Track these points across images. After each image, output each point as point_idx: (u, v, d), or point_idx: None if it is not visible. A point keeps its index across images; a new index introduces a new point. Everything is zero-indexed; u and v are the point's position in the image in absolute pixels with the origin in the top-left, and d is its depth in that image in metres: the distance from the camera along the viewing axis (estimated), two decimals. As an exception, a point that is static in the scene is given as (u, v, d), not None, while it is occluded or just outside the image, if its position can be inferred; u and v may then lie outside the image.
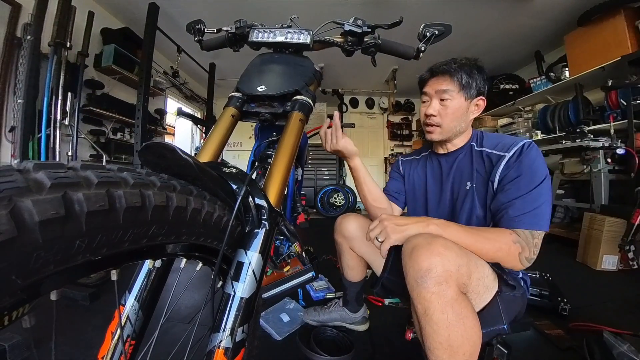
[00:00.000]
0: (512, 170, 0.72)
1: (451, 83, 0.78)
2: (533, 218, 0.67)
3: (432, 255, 0.58)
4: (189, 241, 0.36)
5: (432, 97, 0.81)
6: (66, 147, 2.21)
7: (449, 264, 0.57)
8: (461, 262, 0.59)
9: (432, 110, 0.81)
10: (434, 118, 0.81)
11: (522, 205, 0.68)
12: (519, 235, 0.67)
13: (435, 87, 0.80)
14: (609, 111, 2.38)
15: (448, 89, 0.78)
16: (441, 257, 0.57)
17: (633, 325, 1.12)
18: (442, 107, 0.80)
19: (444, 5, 2.58)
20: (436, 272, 0.56)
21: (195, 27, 0.80)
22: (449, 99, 0.78)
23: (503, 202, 0.71)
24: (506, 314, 0.70)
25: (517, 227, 0.68)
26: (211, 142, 0.60)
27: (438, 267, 0.56)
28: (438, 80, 0.80)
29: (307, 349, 0.96)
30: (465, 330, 0.56)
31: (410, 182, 0.99)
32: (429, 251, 0.58)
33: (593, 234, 1.96)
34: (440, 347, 0.55)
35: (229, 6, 2.63)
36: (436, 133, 0.83)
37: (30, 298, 0.23)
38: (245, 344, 0.40)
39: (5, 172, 0.21)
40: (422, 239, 0.62)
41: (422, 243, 0.61)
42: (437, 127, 0.82)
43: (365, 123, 5.33)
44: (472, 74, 0.77)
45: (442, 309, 0.55)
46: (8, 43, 1.94)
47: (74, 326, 1.08)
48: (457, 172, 0.85)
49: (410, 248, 0.62)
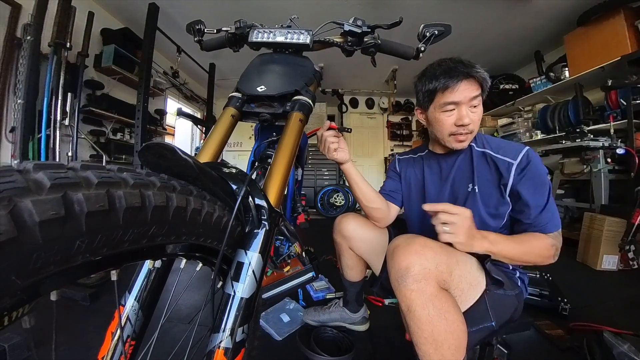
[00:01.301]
0: (525, 178, 0.73)
1: (479, 87, 0.73)
2: (555, 220, 0.73)
3: (409, 254, 0.61)
4: (189, 241, 0.36)
5: (461, 105, 0.73)
6: (66, 148, 2.21)
7: (426, 262, 0.60)
8: (439, 259, 0.61)
9: (469, 120, 0.74)
10: (468, 127, 0.74)
11: (546, 212, 0.72)
12: (553, 239, 0.72)
13: (469, 95, 0.72)
14: (608, 111, 2.38)
15: (478, 95, 0.73)
16: (419, 256, 0.60)
17: (633, 325, 1.12)
18: (473, 114, 0.75)
19: (444, 5, 2.58)
20: (414, 270, 0.59)
21: (195, 28, 0.80)
22: (478, 105, 0.74)
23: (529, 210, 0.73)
24: (494, 311, 0.70)
25: (549, 231, 0.72)
26: (211, 142, 0.60)
27: (416, 265, 0.59)
28: (469, 86, 0.72)
29: (307, 349, 0.96)
30: (447, 324, 0.58)
31: (406, 180, 0.97)
32: (407, 251, 0.61)
33: (593, 233, 1.96)
34: (426, 342, 0.58)
35: (229, 6, 2.63)
36: (467, 141, 0.77)
37: (30, 298, 0.23)
38: (245, 344, 0.40)
39: (5, 172, 0.21)
40: (402, 240, 0.65)
41: (401, 244, 0.64)
42: (469, 134, 0.76)
43: (365, 123, 5.33)
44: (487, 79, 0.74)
45: (422, 305, 0.58)
46: (8, 43, 1.94)
47: (74, 327, 1.08)
48: (457, 173, 0.84)
49: (391, 249, 0.65)
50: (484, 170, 0.79)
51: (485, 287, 0.70)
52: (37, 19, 1.82)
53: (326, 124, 0.87)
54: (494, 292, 0.71)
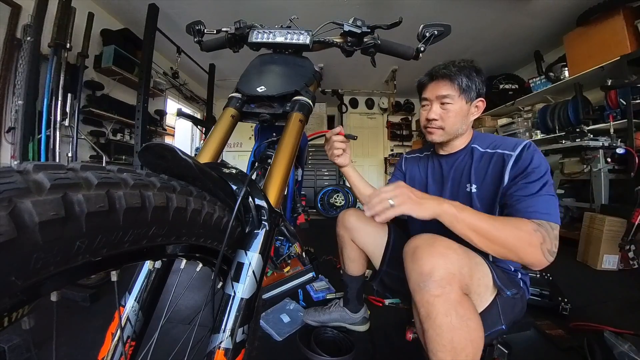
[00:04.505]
0: (522, 168, 0.71)
1: (451, 87, 0.77)
2: (548, 210, 0.64)
3: (434, 256, 0.56)
4: (189, 242, 0.36)
5: (432, 102, 0.81)
6: (66, 148, 2.21)
7: (451, 265, 0.56)
8: (463, 262, 0.58)
9: (434, 115, 0.80)
10: (435, 122, 0.81)
11: (535, 198, 0.66)
12: (539, 225, 0.62)
13: (436, 93, 0.80)
14: (608, 111, 2.38)
15: (449, 94, 0.78)
16: (444, 259, 0.56)
17: (634, 324, 1.12)
18: (444, 111, 0.80)
19: (444, 6, 2.58)
20: (439, 274, 0.55)
21: (195, 28, 0.80)
22: (450, 103, 0.78)
23: (517, 196, 0.68)
24: (504, 314, 0.69)
25: (534, 218, 0.63)
26: (211, 142, 0.60)
27: (441, 269, 0.55)
28: (438, 85, 0.79)
29: (307, 349, 0.96)
30: (469, 332, 0.55)
31: (411, 179, 0.99)
32: (430, 253, 0.57)
33: (593, 233, 1.96)
34: (444, 350, 0.55)
35: (229, 7, 2.63)
36: (437, 134, 0.83)
37: (30, 299, 0.23)
38: (245, 345, 0.40)
39: (5, 173, 0.21)
40: (423, 240, 0.61)
41: (423, 244, 0.59)
42: (439, 130, 0.82)
43: (365, 123, 5.33)
44: (471, 77, 0.77)
45: (445, 312, 0.55)
46: (8, 44, 1.94)
47: (74, 327, 1.08)
48: (456, 174, 0.85)
49: (412, 249, 0.60)
50: (484, 170, 0.79)
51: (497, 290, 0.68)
52: (37, 19, 1.83)
53: (337, 128, 0.92)
54: (504, 294, 0.69)
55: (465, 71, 0.77)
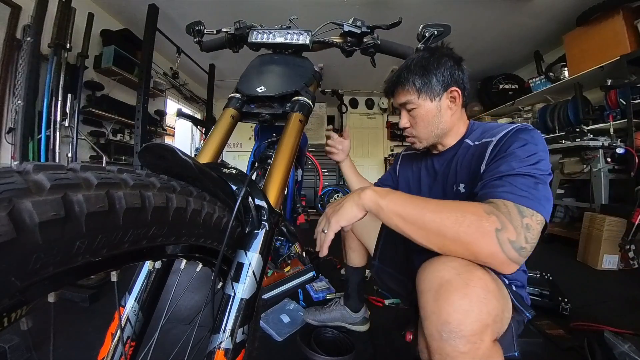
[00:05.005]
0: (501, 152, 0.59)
1: (407, 93, 0.72)
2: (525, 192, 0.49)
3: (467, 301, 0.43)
4: (189, 242, 0.36)
5: (401, 111, 0.78)
6: (66, 149, 2.22)
7: (487, 316, 0.43)
8: (498, 303, 0.46)
9: (403, 123, 0.78)
10: (408, 130, 0.78)
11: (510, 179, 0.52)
12: (496, 207, 0.47)
13: (397, 102, 0.77)
14: (608, 110, 2.38)
15: (407, 100, 0.73)
16: (480, 306, 0.43)
17: (634, 324, 1.12)
18: (411, 118, 0.75)
19: (443, 6, 2.58)
20: (471, 328, 0.43)
21: (195, 29, 0.80)
22: (414, 108, 0.73)
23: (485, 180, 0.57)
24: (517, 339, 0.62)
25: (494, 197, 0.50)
26: (211, 143, 0.60)
27: (474, 322, 0.43)
28: (397, 94, 0.76)
29: (307, 349, 0.96)
30: None
31: (405, 176, 0.94)
32: (464, 295, 0.44)
33: (593, 233, 1.95)
34: None
35: (229, 7, 2.63)
36: (417, 143, 0.79)
37: (29, 300, 0.23)
38: (245, 345, 0.40)
39: (5, 173, 0.21)
40: (455, 272, 0.46)
41: (454, 281, 0.45)
42: (415, 138, 0.78)
43: (365, 123, 5.32)
44: (426, 73, 0.69)
45: None
46: (8, 44, 1.94)
47: (74, 327, 1.08)
48: (446, 173, 0.78)
49: (436, 285, 0.46)
50: (470, 165, 0.69)
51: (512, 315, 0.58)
52: (36, 20, 1.83)
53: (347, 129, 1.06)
54: (525, 317, 0.62)
55: (417, 69, 0.70)
